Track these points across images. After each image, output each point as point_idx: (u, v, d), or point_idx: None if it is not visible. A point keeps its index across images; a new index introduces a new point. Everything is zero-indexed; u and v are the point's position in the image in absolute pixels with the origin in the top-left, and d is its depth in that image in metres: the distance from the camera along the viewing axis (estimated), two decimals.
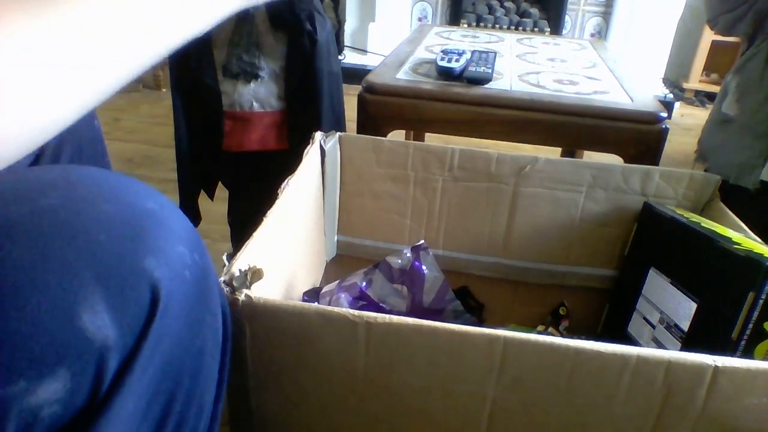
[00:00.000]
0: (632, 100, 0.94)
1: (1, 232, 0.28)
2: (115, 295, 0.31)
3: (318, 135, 0.80)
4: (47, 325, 0.29)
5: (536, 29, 2.91)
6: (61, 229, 0.30)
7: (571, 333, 0.87)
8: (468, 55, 1.03)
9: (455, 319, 0.79)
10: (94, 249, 0.31)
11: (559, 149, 1.44)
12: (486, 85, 0.96)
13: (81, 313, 0.29)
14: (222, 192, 1.12)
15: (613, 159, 0.89)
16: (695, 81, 2.92)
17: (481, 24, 2.94)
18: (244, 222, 1.13)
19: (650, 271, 0.76)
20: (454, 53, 1.02)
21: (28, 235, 0.30)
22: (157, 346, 0.33)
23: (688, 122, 2.63)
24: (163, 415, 0.35)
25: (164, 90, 2.64)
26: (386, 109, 0.95)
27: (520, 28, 2.92)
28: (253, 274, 0.50)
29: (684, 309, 0.67)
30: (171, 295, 0.33)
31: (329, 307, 0.49)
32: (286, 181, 0.67)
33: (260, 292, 0.49)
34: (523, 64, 1.13)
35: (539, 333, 0.52)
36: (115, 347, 0.31)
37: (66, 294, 0.29)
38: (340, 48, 2.86)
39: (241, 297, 0.48)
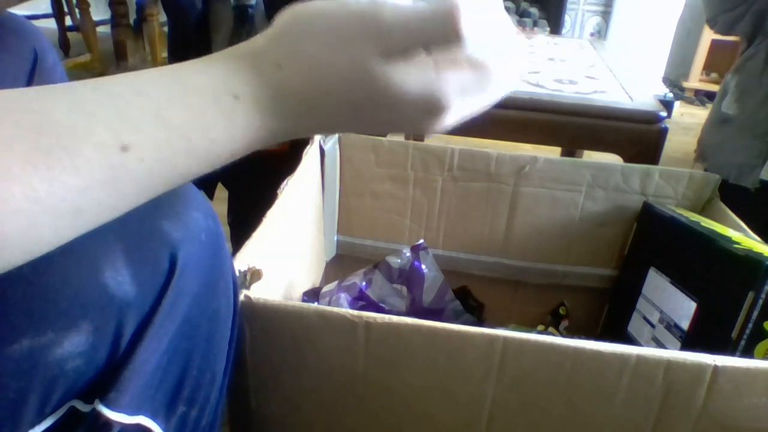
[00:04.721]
0: (632, 100, 0.94)
1: None
2: (136, 255, 0.33)
3: (317, 135, 0.80)
4: (72, 280, 0.30)
5: (536, 29, 2.91)
6: None
7: (570, 333, 0.87)
8: None
9: (455, 319, 0.79)
10: None
11: (559, 149, 1.44)
12: None
13: (104, 270, 0.31)
14: (222, 192, 1.12)
15: (613, 159, 0.89)
16: (695, 80, 2.92)
17: None
18: (243, 222, 1.13)
19: (650, 270, 0.76)
20: None
21: None
22: (176, 305, 0.34)
23: (687, 122, 2.63)
24: (180, 379, 0.37)
25: None
26: None
27: (520, 27, 2.91)
28: (253, 275, 0.50)
29: (684, 309, 0.67)
30: (188, 257, 0.35)
31: (329, 308, 0.49)
32: (285, 181, 0.67)
33: (260, 292, 0.49)
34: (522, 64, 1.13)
35: (539, 333, 0.52)
36: (135, 304, 0.32)
37: (90, 252, 0.31)
38: None
39: (241, 297, 0.48)
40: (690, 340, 0.66)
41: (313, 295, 0.72)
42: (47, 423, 0.31)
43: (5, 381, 0.29)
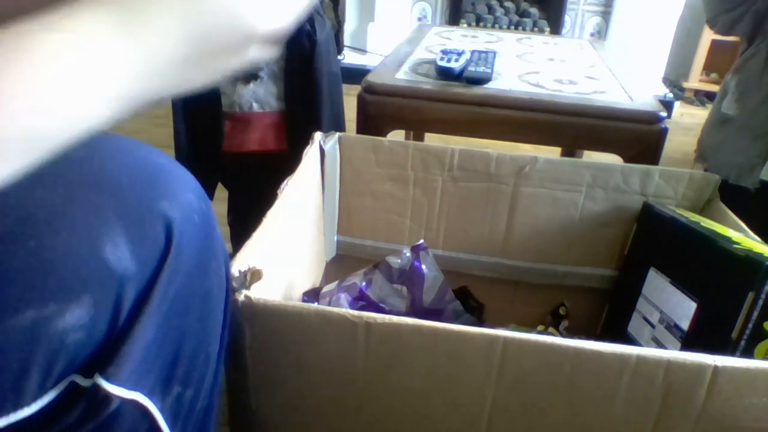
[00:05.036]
0: (632, 100, 0.94)
1: (32, 178, 0.30)
2: (134, 231, 0.34)
3: (317, 135, 0.80)
4: (74, 254, 0.31)
5: (536, 29, 2.91)
6: (85, 176, 0.34)
7: (571, 333, 0.87)
8: (468, 55, 1.03)
9: (455, 319, 0.79)
10: (116, 191, 0.34)
11: (559, 149, 1.44)
12: (485, 85, 0.96)
13: (104, 246, 0.32)
14: (222, 192, 1.12)
15: (613, 159, 0.89)
16: (695, 81, 2.92)
17: (481, 24, 2.94)
18: (243, 222, 1.13)
19: (650, 270, 0.76)
20: (454, 53, 1.02)
21: (56, 179, 0.33)
22: (170, 283, 0.35)
23: (687, 122, 2.63)
24: (175, 357, 0.38)
25: None
26: (386, 110, 0.95)
27: (520, 28, 2.92)
28: (253, 275, 0.50)
29: (684, 309, 0.67)
30: (182, 236, 0.36)
31: (329, 308, 0.49)
32: (285, 181, 0.67)
33: (260, 292, 0.49)
34: (522, 64, 1.13)
35: (539, 333, 0.52)
36: (134, 278, 0.33)
37: (91, 229, 0.32)
38: (339, 48, 2.86)
39: (241, 297, 0.48)
40: (690, 341, 0.66)
41: (313, 295, 0.72)
42: (49, 397, 0.32)
43: (9, 352, 0.30)
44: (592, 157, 1.33)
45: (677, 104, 2.76)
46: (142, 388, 0.35)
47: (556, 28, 2.91)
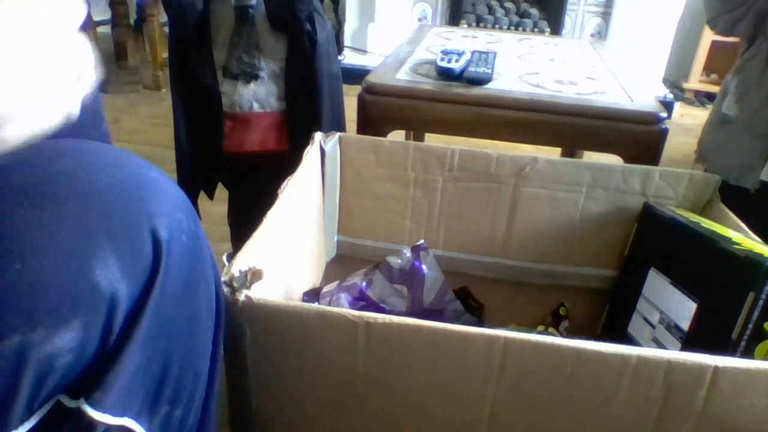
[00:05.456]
0: (632, 101, 0.94)
1: (20, 193, 0.30)
2: (124, 251, 0.33)
3: (318, 135, 0.80)
4: (63, 277, 0.31)
5: (536, 29, 2.91)
6: (74, 191, 0.33)
7: (571, 333, 0.87)
8: (468, 56, 1.03)
9: (455, 319, 0.78)
10: (105, 209, 0.33)
11: (559, 149, 1.44)
12: (486, 86, 0.96)
13: (94, 267, 0.31)
14: (222, 192, 1.12)
15: (613, 159, 0.89)
16: (695, 81, 2.92)
17: (481, 24, 2.94)
18: (244, 222, 1.13)
19: (650, 271, 0.76)
20: (454, 54, 1.02)
21: (44, 196, 0.32)
22: (159, 304, 0.35)
23: (688, 122, 2.63)
24: (161, 378, 0.37)
25: (164, 91, 2.64)
26: (386, 110, 0.95)
27: (520, 28, 2.92)
28: (253, 275, 0.50)
29: (684, 309, 0.67)
30: (170, 256, 0.35)
31: (329, 308, 0.49)
32: (286, 181, 0.67)
33: (260, 292, 0.49)
34: (523, 65, 1.13)
35: (539, 333, 0.52)
36: (124, 300, 0.33)
37: (80, 248, 0.31)
38: (340, 48, 2.86)
39: (241, 297, 0.48)
40: (690, 341, 0.66)
41: (313, 295, 0.72)
42: (34, 420, 0.31)
43: None
44: (592, 157, 1.33)
45: (677, 105, 2.76)
46: (128, 413, 0.35)
47: (556, 28, 2.91)
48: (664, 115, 0.89)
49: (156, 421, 0.37)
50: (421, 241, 0.76)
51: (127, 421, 0.34)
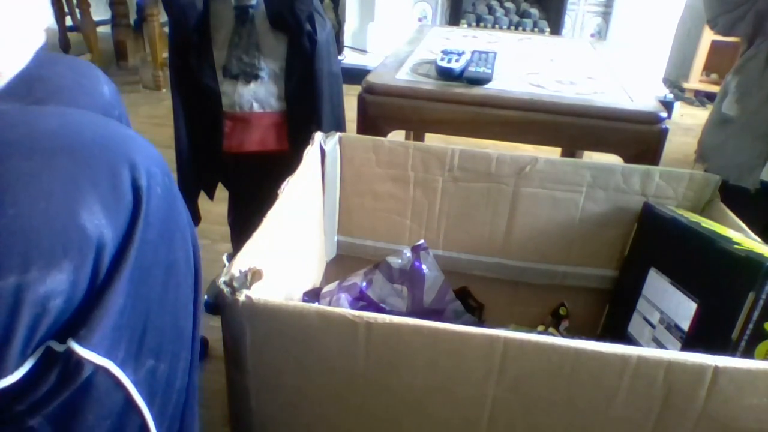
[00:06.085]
0: (632, 100, 0.94)
1: (9, 146, 0.33)
2: (108, 199, 0.35)
3: (318, 135, 0.80)
4: (54, 221, 0.33)
5: (536, 29, 2.91)
6: (60, 145, 0.35)
7: (571, 333, 0.87)
8: (468, 56, 1.03)
9: (455, 319, 0.79)
10: (89, 160, 0.36)
11: (559, 149, 1.44)
12: (486, 86, 0.96)
13: (81, 212, 0.34)
14: (222, 192, 1.12)
15: (613, 159, 0.89)
16: (695, 81, 2.92)
17: (481, 24, 2.94)
18: (244, 222, 1.13)
19: (650, 271, 0.76)
20: (454, 53, 1.02)
21: (33, 149, 0.34)
22: (140, 249, 0.37)
23: (688, 122, 2.63)
24: (144, 326, 0.39)
25: (164, 90, 2.64)
26: (386, 110, 0.95)
27: (520, 28, 2.92)
28: (253, 275, 0.50)
29: (684, 309, 0.67)
30: (149, 205, 0.38)
31: (329, 308, 0.49)
32: (286, 181, 0.67)
33: (260, 292, 0.49)
34: (523, 65, 1.13)
35: (539, 333, 0.52)
36: (110, 244, 0.35)
37: (68, 196, 0.34)
38: (340, 48, 2.86)
39: (242, 298, 0.48)
40: (690, 341, 0.66)
41: (313, 295, 0.72)
42: (28, 365, 0.33)
43: None
44: (592, 157, 1.33)
45: (677, 105, 2.76)
46: (114, 357, 0.36)
47: (556, 28, 2.91)
48: (664, 115, 0.89)
49: (141, 373, 0.39)
50: (421, 241, 0.76)
51: (111, 365, 0.36)
